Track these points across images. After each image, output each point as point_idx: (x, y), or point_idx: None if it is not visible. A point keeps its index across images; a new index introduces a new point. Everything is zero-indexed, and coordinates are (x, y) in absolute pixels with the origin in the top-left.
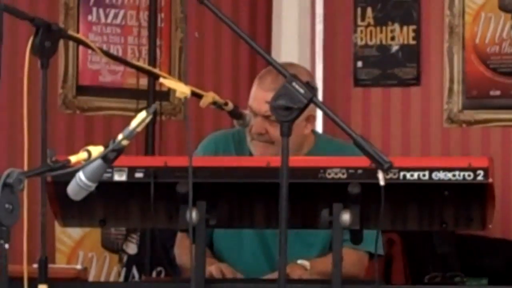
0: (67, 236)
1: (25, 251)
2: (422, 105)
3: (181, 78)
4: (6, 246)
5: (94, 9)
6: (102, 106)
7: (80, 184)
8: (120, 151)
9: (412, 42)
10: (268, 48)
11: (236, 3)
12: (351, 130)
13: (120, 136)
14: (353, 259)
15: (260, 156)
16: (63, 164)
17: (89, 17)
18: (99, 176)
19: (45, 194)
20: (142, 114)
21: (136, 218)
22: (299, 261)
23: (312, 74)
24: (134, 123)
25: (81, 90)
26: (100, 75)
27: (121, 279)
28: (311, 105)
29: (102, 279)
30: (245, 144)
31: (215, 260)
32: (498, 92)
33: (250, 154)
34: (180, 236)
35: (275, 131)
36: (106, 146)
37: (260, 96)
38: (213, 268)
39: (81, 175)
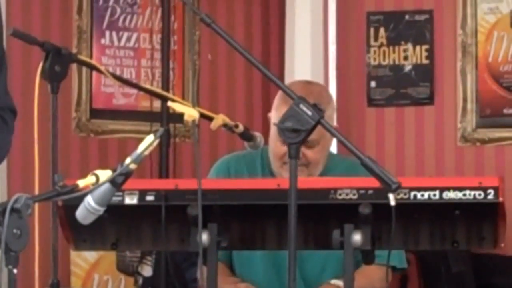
0: (82, 260)
1: (36, 276)
2: (436, 124)
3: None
4: (15, 271)
5: (107, 33)
6: (116, 129)
7: (88, 208)
8: (128, 175)
9: (425, 61)
10: (281, 68)
11: (249, 24)
12: (359, 151)
13: (127, 160)
14: (380, 275)
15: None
16: (71, 189)
17: (102, 41)
18: (108, 200)
19: (56, 218)
20: (150, 138)
21: (148, 240)
22: (333, 281)
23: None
24: (141, 147)
25: (95, 113)
26: (113, 98)
27: None
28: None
29: None
30: (257, 164)
31: (236, 279)
32: (511, 111)
33: (271, 175)
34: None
35: (313, 154)
36: (114, 170)
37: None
38: (243, 286)
39: (89, 199)
